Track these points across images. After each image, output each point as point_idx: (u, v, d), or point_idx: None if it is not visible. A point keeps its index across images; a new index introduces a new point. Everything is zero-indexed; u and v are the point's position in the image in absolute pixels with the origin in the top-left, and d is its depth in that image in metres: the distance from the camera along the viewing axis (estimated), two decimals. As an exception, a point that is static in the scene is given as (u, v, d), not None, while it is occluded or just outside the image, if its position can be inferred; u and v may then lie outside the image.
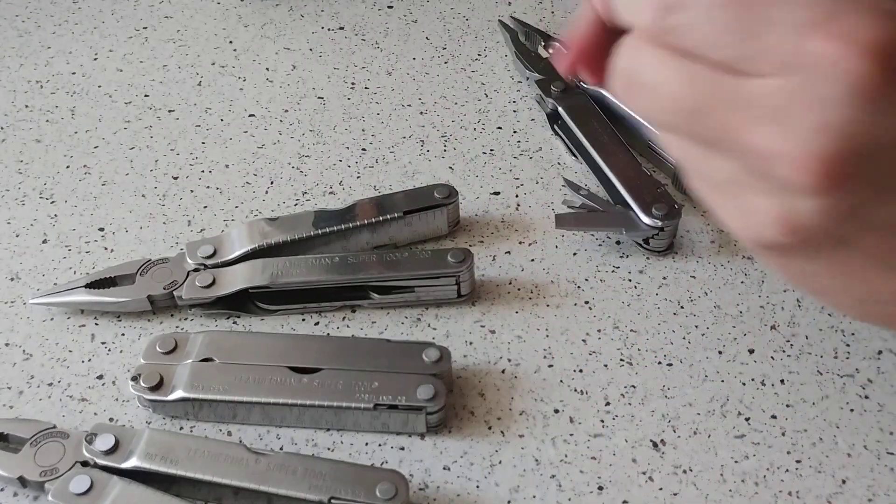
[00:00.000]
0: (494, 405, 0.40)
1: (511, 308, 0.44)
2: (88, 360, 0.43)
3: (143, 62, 0.60)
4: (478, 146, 0.53)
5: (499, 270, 0.46)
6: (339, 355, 0.40)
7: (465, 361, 0.42)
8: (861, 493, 0.37)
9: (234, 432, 0.40)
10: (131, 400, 0.41)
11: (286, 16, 0.64)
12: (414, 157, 0.52)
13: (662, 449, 0.39)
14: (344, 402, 0.38)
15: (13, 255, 0.48)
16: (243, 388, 0.39)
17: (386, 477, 0.36)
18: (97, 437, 0.37)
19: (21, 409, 0.41)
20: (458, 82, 0.58)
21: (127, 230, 0.49)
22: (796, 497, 0.37)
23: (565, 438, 0.39)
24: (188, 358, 0.40)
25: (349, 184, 0.51)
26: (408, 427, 0.39)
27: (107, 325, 0.44)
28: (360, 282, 0.44)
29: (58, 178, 0.52)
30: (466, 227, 0.48)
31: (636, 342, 0.43)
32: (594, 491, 0.37)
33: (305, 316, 0.44)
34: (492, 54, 0.60)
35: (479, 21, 0.62)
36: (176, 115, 0.56)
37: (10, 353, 0.43)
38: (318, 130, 0.54)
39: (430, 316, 0.44)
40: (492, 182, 0.51)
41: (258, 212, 0.50)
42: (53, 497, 0.36)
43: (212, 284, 0.44)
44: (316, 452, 0.39)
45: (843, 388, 0.41)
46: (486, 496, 0.37)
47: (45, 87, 0.58)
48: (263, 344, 0.41)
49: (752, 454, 0.38)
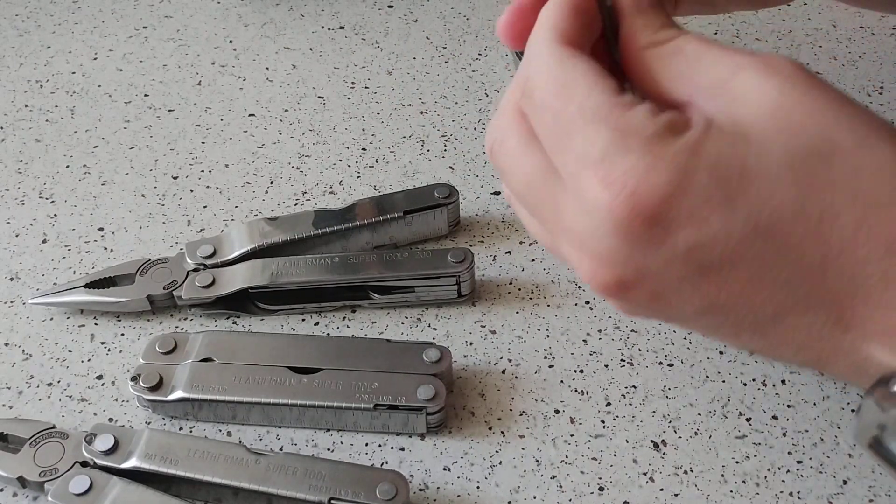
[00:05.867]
0: (495, 405, 0.40)
1: (511, 308, 0.44)
2: (88, 361, 0.43)
3: (143, 62, 0.60)
4: (478, 146, 0.53)
5: (499, 270, 0.46)
6: (339, 355, 0.40)
7: (465, 362, 0.42)
8: (862, 493, 0.37)
9: (233, 432, 0.40)
10: (131, 400, 0.41)
11: (286, 15, 0.64)
12: (414, 157, 0.52)
13: (663, 449, 0.39)
14: (344, 402, 0.38)
15: (13, 254, 0.48)
16: (243, 388, 0.39)
17: (386, 477, 0.36)
18: (97, 438, 0.37)
19: (21, 409, 0.41)
20: (459, 82, 0.57)
21: (126, 230, 0.49)
22: (797, 497, 0.37)
23: (566, 439, 0.39)
24: (188, 358, 0.40)
25: (349, 184, 0.51)
26: (408, 427, 0.39)
27: (106, 325, 0.44)
28: (360, 282, 0.43)
29: (57, 178, 0.52)
30: (467, 226, 0.48)
31: (637, 342, 0.43)
32: (595, 492, 0.37)
33: (305, 316, 0.44)
34: (492, 54, 0.59)
35: (480, 21, 0.62)
36: (176, 114, 0.56)
37: (9, 353, 0.43)
38: (318, 130, 0.54)
39: (431, 316, 0.44)
40: (492, 182, 0.51)
41: (258, 212, 0.50)
42: (53, 497, 0.36)
43: (211, 284, 0.44)
44: (316, 453, 0.39)
45: (844, 389, 0.41)
46: (487, 497, 0.37)
47: (45, 86, 0.58)
48: (263, 344, 0.41)
49: (753, 454, 0.38)
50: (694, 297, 0.29)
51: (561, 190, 0.29)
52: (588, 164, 0.27)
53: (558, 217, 0.30)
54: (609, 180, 0.27)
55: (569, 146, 0.28)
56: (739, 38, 0.59)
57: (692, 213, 0.27)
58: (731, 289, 0.28)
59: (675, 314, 0.30)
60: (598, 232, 0.28)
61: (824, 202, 0.26)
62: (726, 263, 0.27)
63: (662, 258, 0.28)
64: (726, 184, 0.26)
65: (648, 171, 0.27)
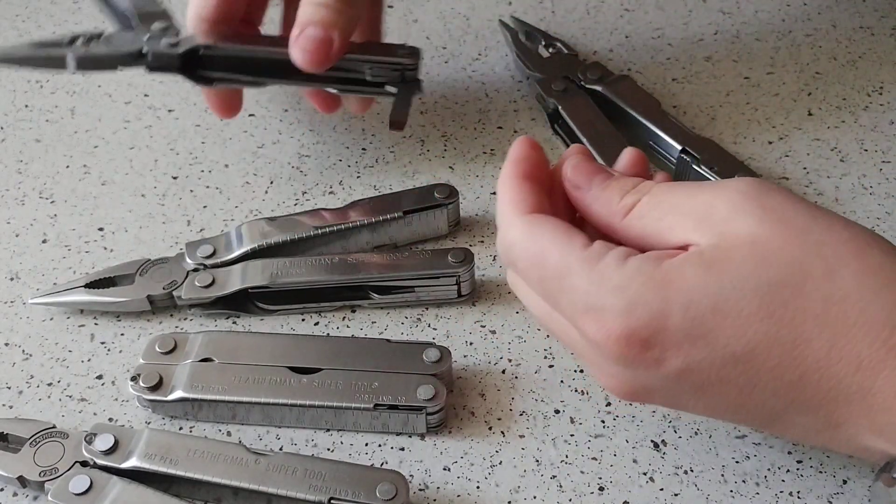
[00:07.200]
0: (495, 405, 0.40)
1: (511, 308, 0.44)
2: (88, 360, 0.43)
3: (143, 62, 0.60)
4: (478, 146, 0.53)
5: (499, 270, 0.46)
6: (338, 355, 0.40)
7: (465, 362, 0.42)
8: (862, 493, 0.37)
9: (233, 432, 0.40)
10: (131, 400, 0.41)
11: (286, 15, 0.63)
12: (414, 157, 0.52)
13: (663, 449, 0.39)
14: (344, 402, 0.38)
15: (13, 254, 0.48)
16: (243, 388, 0.39)
17: (386, 477, 0.36)
18: (97, 437, 0.37)
19: (21, 408, 0.41)
20: (459, 82, 0.57)
21: (126, 230, 0.49)
22: (797, 497, 0.37)
23: (566, 439, 0.39)
24: (188, 358, 0.40)
25: (349, 184, 0.51)
26: (408, 427, 0.39)
27: (106, 325, 0.44)
28: (359, 282, 0.43)
29: (57, 178, 0.52)
30: (467, 226, 0.48)
31: (637, 342, 0.43)
32: (595, 491, 0.37)
33: (305, 316, 0.44)
34: (492, 54, 0.59)
35: (480, 20, 0.62)
36: (175, 114, 0.56)
37: (9, 352, 0.43)
38: (318, 130, 0.54)
39: (431, 316, 0.44)
40: (492, 182, 0.51)
41: (258, 212, 0.50)
42: (53, 497, 0.36)
43: (211, 284, 0.44)
44: (316, 453, 0.39)
45: (845, 389, 0.41)
46: (487, 497, 0.37)
47: (45, 86, 0.58)
48: (263, 344, 0.41)
49: (752, 454, 0.38)
50: (698, 404, 0.33)
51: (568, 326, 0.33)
52: (578, 313, 0.31)
53: (573, 346, 0.34)
54: (599, 325, 0.31)
55: (558, 300, 0.32)
56: (739, 39, 0.59)
57: (675, 344, 0.30)
58: (727, 399, 0.31)
59: (691, 411, 0.34)
60: (605, 362, 0.32)
61: (796, 330, 0.29)
62: (715, 382, 0.31)
63: (661, 379, 0.31)
64: (700, 322, 0.30)
65: (629, 315, 0.30)
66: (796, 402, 0.30)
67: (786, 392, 0.30)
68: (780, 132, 0.53)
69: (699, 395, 0.32)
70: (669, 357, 0.30)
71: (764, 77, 0.57)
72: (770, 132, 0.53)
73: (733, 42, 0.59)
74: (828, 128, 0.53)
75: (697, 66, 0.58)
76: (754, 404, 0.31)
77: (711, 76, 0.57)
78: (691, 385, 0.31)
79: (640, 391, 0.33)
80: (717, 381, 0.30)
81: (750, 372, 0.30)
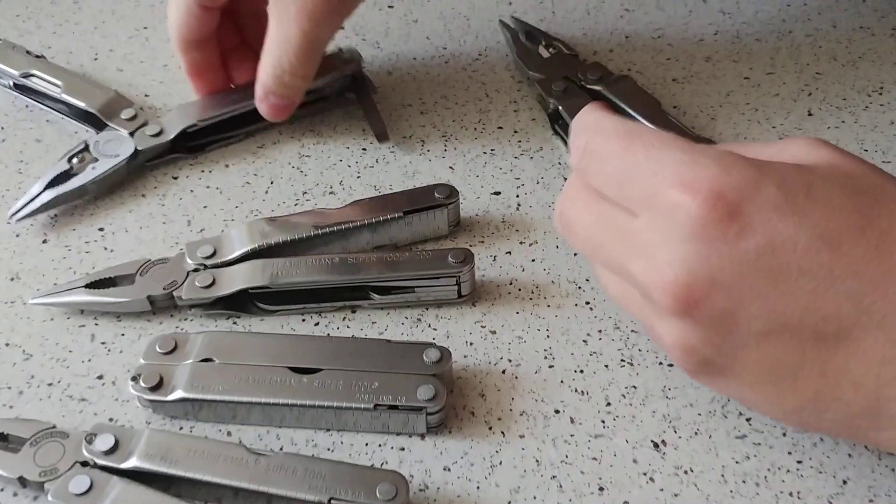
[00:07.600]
0: (495, 406, 0.40)
1: (511, 308, 0.44)
2: (88, 361, 0.43)
3: (144, 62, 0.60)
4: (478, 146, 0.53)
5: (499, 271, 0.46)
6: (339, 356, 0.40)
7: (465, 362, 0.42)
8: (862, 493, 0.37)
9: (233, 433, 0.40)
10: (131, 400, 0.41)
11: (286, 15, 0.63)
12: (414, 157, 0.52)
13: (663, 449, 0.39)
14: (344, 402, 0.38)
15: (13, 255, 0.48)
16: (243, 388, 0.39)
17: (386, 477, 0.36)
18: (97, 438, 0.37)
19: (21, 409, 0.41)
20: (459, 82, 0.57)
21: (127, 230, 0.49)
22: (797, 497, 0.37)
23: (566, 439, 0.39)
24: (188, 358, 0.40)
25: (349, 184, 0.51)
26: (408, 427, 0.39)
27: (107, 326, 0.44)
28: (360, 282, 0.43)
29: (58, 178, 0.52)
30: (467, 227, 0.48)
31: (637, 342, 0.43)
32: (595, 492, 0.37)
33: (305, 316, 0.44)
34: (492, 54, 0.59)
35: (480, 21, 0.62)
36: (176, 114, 0.56)
37: (9, 353, 0.43)
38: (318, 130, 0.54)
39: (431, 316, 0.44)
40: (492, 182, 0.51)
41: (258, 212, 0.50)
42: (53, 497, 0.36)
43: (211, 285, 0.44)
44: (316, 453, 0.39)
45: (845, 389, 0.41)
46: (487, 497, 0.37)
47: (45, 86, 0.58)
48: (263, 344, 0.41)
49: (753, 455, 0.38)
50: (762, 310, 0.30)
51: (629, 221, 0.32)
52: (663, 180, 0.30)
53: (629, 245, 0.32)
54: (687, 185, 0.29)
55: (639, 175, 0.31)
56: (740, 39, 0.59)
57: (763, 218, 0.29)
58: (797, 301, 0.30)
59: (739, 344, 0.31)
60: (675, 236, 0.30)
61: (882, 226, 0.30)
62: (794, 270, 0.29)
63: (736, 261, 0.29)
64: (793, 198, 0.29)
65: (722, 175, 0.29)
66: (871, 310, 0.29)
67: (862, 293, 0.29)
68: (780, 132, 0.53)
69: (767, 296, 0.30)
70: (755, 228, 0.29)
71: (764, 77, 0.57)
72: (770, 132, 0.53)
73: (733, 42, 0.59)
74: (828, 128, 0.53)
75: (697, 66, 0.58)
76: (825, 313, 0.30)
77: (711, 76, 0.57)
78: (766, 273, 0.29)
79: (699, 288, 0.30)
80: (795, 270, 0.29)
81: (833, 261, 0.29)
